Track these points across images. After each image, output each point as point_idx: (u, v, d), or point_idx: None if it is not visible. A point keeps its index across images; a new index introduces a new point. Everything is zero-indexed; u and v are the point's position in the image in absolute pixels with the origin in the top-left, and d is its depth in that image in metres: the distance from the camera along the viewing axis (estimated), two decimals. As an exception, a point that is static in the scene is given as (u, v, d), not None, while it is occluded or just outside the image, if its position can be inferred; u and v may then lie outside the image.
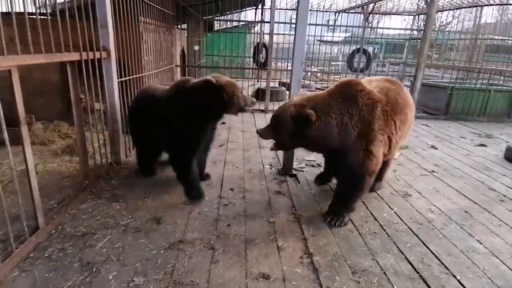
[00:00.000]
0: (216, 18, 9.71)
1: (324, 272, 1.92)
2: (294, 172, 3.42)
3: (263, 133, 2.47)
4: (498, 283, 1.90)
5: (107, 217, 2.39)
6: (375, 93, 2.37)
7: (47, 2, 3.28)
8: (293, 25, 3.98)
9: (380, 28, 10.83)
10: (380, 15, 11.39)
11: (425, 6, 6.72)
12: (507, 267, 2.05)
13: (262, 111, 6.62)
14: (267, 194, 2.94)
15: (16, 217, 2.10)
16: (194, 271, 1.87)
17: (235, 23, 11.32)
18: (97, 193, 2.75)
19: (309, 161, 3.81)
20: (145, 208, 2.56)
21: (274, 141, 2.50)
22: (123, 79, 3.46)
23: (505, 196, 3.13)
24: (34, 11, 2.08)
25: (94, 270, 1.83)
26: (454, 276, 1.94)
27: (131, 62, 3.69)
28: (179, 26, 7.27)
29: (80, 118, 2.66)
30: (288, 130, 2.28)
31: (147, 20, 4.20)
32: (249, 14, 12.01)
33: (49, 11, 2.67)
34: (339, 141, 2.27)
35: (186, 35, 7.60)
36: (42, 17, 2.13)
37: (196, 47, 8.09)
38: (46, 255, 1.94)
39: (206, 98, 2.42)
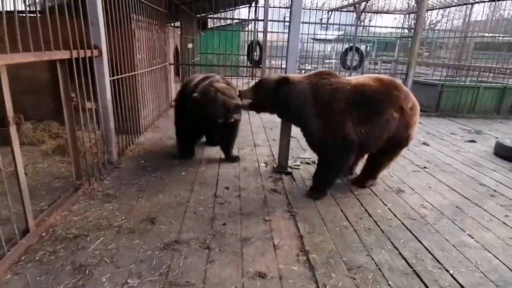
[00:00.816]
0: (210, 16, 9.64)
1: (320, 269, 1.93)
2: (289, 170, 3.43)
3: (244, 93, 2.96)
4: (492, 277, 1.93)
5: (99, 218, 2.35)
6: (341, 82, 2.71)
7: (37, 0, 3.20)
8: (287, 23, 3.98)
9: (372, 26, 10.94)
10: (372, 13, 11.49)
11: (415, 5, 6.80)
12: (500, 261, 2.09)
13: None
14: (263, 192, 2.93)
15: (7, 219, 2.06)
16: (189, 271, 1.85)
17: (229, 21, 11.27)
18: (90, 194, 2.70)
19: (304, 159, 3.82)
20: (139, 208, 2.53)
21: (250, 102, 2.97)
22: (115, 77, 3.41)
23: (495, 191, 3.19)
24: (24, 9, 2.03)
25: (86, 273, 1.79)
26: (447, 271, 1.97)
27: (123, 60, 3.63)
28: (172, 24, 7.19)
29: (71, 117, 2.60)
30: (270, 91, 2.76)
31: (140, 17, 4.14)
32: (242, 12, 11.98)
33: (38, 8, 2.60)
34: (297, 112, 2.74)
35: (179, 33, 7.52)
36: (32, 15, 2.08)
37: (190, 45, 8.01)
38: (37, 258, 1.89)
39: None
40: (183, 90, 3.68)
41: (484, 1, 7.82)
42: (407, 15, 11.15)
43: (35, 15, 2.10)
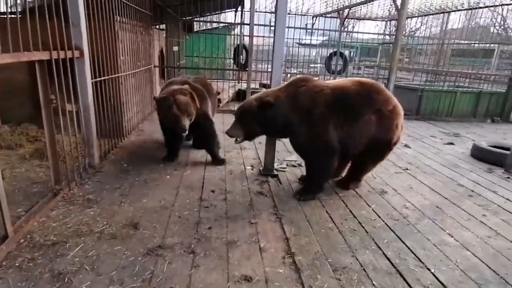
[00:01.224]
0: (196, 19, 9.60)
1: (306, 271, 1.93)
2: (275, 172, 3.44)
3: (232, 131, 2.91)
4: (471, 275, 2.00)
5: (80, 224, 2.27)
6: (319, 86, 2.78)
7: (18, 1, 3.09)
8: (273, 28, 4.02)
9: (355, 32, 11.22)
10: (355, 20, 11.79)
11: (395, 12, 7.04)
12: (478, 259, 2.16)
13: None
14: (249, 195, 2.92)
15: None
16: (173, 277, 1.81)
17: (215, 25, 11.26)
18: (69, 199, 2.61)
19: (290, 161, 3.85)
20: (121, 213, 2.46)
21: (238, 137, 2.92)
22: (98, 79, 3.32)
23: (472, 191, 3.32)
24: (5, 10, 1.95)
25: (66, 281, 1.72)
26: (429, 269, 2.02)
27: (106, 62, 3.55)
28: (157, 27, 7.11)
29: (49, 119, 2.51)
30: (254, 116, 2.78)
31: (123, 19, 4.07)
32: (229, 16, 12.01)
33: (19, 9, 2.51)
34: (283, 126, 2.79)
35: (164, 35, 7.45)
36: (12, 16, 2.01)
37: (175, 48, 7.94)
38: (17, 264, 1.82)
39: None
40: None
41: (460, 10, 8.20)
42: (388, 22, 11.52)
43: (15, 15, 2.03)
